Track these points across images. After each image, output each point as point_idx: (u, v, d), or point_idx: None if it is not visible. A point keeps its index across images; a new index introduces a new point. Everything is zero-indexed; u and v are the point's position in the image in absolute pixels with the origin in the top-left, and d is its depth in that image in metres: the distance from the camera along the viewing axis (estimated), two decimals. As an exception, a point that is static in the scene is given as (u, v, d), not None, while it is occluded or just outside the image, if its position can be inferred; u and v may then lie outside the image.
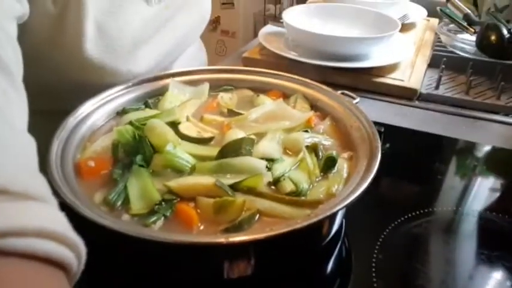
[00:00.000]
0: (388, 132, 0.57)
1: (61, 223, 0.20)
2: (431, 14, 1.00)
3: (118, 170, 0.38)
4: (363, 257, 0.38)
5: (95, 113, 0.45)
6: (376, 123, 0.44)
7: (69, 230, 0.20)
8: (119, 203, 0.35)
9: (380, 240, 0.39)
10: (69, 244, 0.20)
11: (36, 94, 0.32)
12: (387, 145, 0.54)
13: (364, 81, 0.71)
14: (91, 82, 0.48)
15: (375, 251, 0.38)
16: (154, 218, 0.33)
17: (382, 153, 0.38)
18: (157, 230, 0.32)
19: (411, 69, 0.75)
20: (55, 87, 0.49)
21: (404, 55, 0.75)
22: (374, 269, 0.36)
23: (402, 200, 0.48)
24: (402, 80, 0.71)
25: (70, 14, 0.44)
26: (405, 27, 0.92)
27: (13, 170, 0.21)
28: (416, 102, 0.69)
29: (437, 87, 0.72)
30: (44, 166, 0.30)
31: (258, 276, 0.34)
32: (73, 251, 0.20)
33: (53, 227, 0.19)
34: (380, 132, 0.50)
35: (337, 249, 0.39)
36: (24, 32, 0.36)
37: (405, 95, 0.70)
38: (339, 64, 0.69)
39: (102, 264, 0.25)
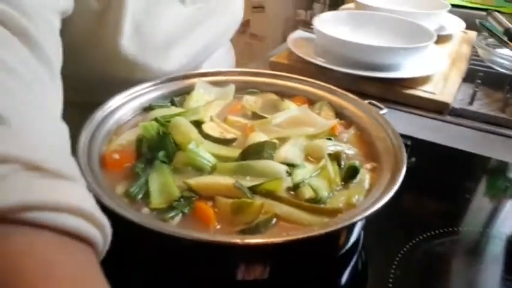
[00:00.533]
0: (415, 145, 0.56)
1: (90, 203, 0.21)
2: (470, 26, 0.96)
3: (140, 164, 0.38)
4: (380, 272, 0.37)
5: (122, 107, 0.46)
6: (403, 136, 0.43)
7: (97, 210, 0.21)
8: (139, 196, 0.35)
9: (399, 255, 0.38)
10: (96, 223, 0.21)
11: (68, 86, 0.34)
12: (413, 159, 0.52)
13: (393, 92, 0.69)
14: (123, 77, 0.49)
15: (393, 267, 0.37)
16: (172, 214, 0.33)
17: (407, 167, 0.37)
18: (174, 225, 0.33)
19: (444, 83, 0.73)
20: (87, 81, 0.51)
21: (438, 67, 0.73)
22: (390, 285, 0.35)
23: (425, 216, 0.46)
24: (433, 93, 0.69)
25: (111, 11, 0.45)
26: (441, 39, 0.89)
27: (48, 149, 0.21)
28: (448, 117, 0.67)
29: (471, 103, 0.69)
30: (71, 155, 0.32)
31: (271, 281, 0.33)
32: (100, 230, 0.21)
33: (83, 205, 0.20)
34: (406, 145, 0.49)
35: (353, 261, 0.38)
36: (65, 27, 0.38)
37: (436, 108, 0.67)
38: (369, 73, 0.68)
39: (118, 254, 0.25)
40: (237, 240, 0.28)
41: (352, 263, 0.38)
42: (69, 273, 0.18)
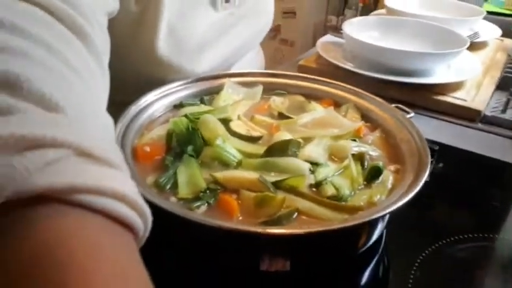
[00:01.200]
0: (443, 151, 0.55)
1: (134, 191, 0.21)
2: (506, 34, 0.94)
3: (170, 157, 0.40)
4: (401, 272, 0.37)
5: (154, 104, 0.48)
6: (430, 141, 0.42)
7: (140, 198, 0.21)
8: (168, 186, 0.37)
9: (421, 258, 0.38)
10: (139, 211, 0.21)
11: None
12: (441, 164, 0.52)
13: (423, 98, 0.69)
14: (157, 78, 0.51)
15: (414, 268, 0.37)
16: (198, 204, 0.35)
17: (434, 172, 0.37)
18: (199, 214, 0.34)
19: (476, 90, 0.71)
20: (122, 80, 0.53)
21: (470, 74, 0.72)
22: (410, 285, 0.35)
23: (451, 221, 0.45)
24: (465, 100, 0.68)
25: (148, 13, 0.47)
26: (476, 46, 0.88)
27: (98, 138, 0.23)
28: (479, 125, 0.65)
29: (504, 111, 0.67)
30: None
31: (292, 275, 0.34)
32: (142, 219, 0.21)
33: (128, 193, 0.20)
34: (433, 151, 0.49)
35: (375, 260, 0.39)
36: (107, 28, 0.40)
37: (467, 115, 0.66)
38: (399, 79, 0.67)
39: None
40: (259, 229, 0.29)
41: (373, 263, 0.38)
42: (116, 257, 0.19)
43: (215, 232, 0.31)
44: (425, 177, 0.35)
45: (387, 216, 0.38)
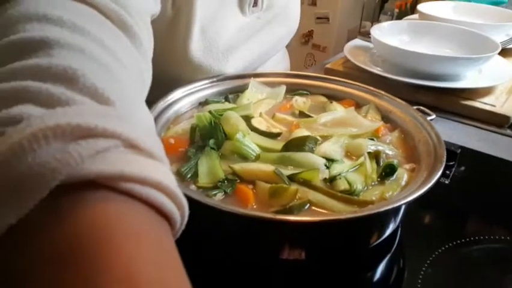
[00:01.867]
0: (466, 155, 0.54)
1: (174, 183, 0.22)
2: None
3: (192, 149, 0.43)
4: (413, 267, 0.37)
5: (181, 100, 0.51)
6: (453, 145, 0.42)
7: (179, 191, 0.22)
8: (189, 175, 0.40)
9: (434, 255, 0.38)
10: (178, 203, 0.22)
11: None
12: (463, 168, 0.51)
13: (449, 102, 0.68)
14: (184, 78, 0.54)
15: (426, 265, 0.37)
16: (216, 192, 0.37)
17: (455, 175, 0.37)
18: (216, 200, 0.36)
19: (507, 96, 0.69)
20: (152, 81, 0.56)
21: (501, 80, 0.70)
22: (420, 281, 0.35)
23: (469, 223, 0.45)
24: (493, 106, 0.66)
25: (181, 17, 0.50)
26: (510, 52, 0.85)
27: (143, 131, 0.23)
28: (508, 131, 0.64)
29: (536, 118, 0.65)
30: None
31: (305, 266, 0.35)
32: (180, 211, 0.22)
33: (170, 185, 0.21)
34: (455, 153, 0.48)
35: (387, 258, 0.39)
36: None
37: (495, 121, 0.65)
38: (428, 83, 0.67)
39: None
40: (269, 215, 0.31)
41: (386, 260, 0.39)
42: (156, 245, 0.20)
43: (229, 217, 0.33)
44: (438, 175, 0.35)
45: (401, 212, 0.38)
